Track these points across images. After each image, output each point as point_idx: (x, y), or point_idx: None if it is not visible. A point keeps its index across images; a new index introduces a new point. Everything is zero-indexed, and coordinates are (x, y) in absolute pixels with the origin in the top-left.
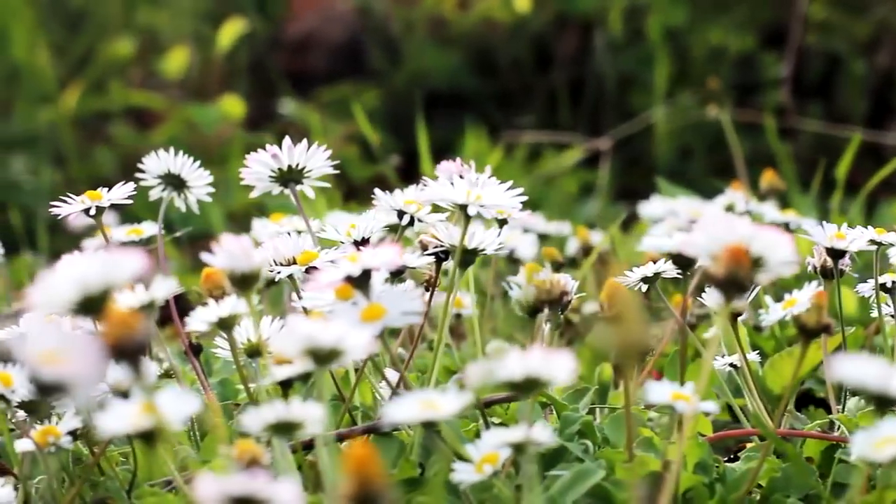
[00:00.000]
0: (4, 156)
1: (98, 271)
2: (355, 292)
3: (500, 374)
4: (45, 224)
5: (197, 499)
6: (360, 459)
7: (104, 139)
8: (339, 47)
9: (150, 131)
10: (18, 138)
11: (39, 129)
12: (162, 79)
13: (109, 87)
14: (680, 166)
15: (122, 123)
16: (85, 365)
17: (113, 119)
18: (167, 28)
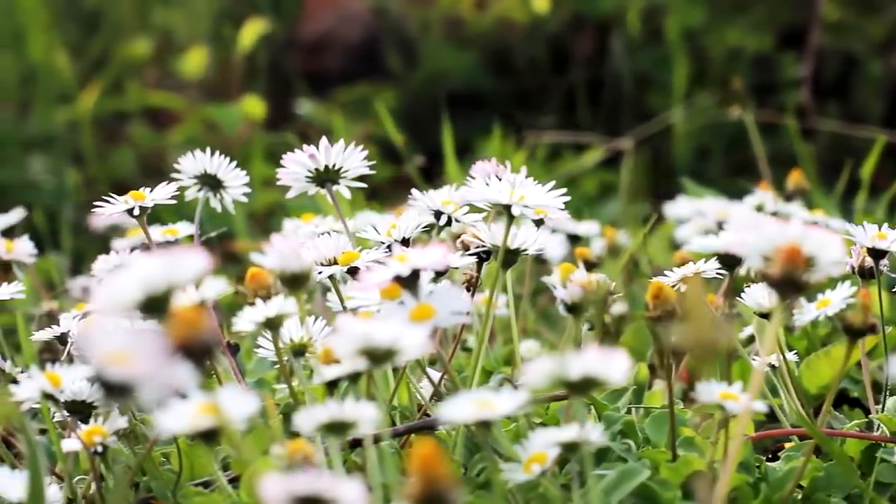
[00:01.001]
0: (23, 156)
1: (162, 271)
2: (403, 292)
3: (557, 373)
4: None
5: (261, 498)
6: (426, 459)
7: (121, 140)
8: (354, 47)
9: (167, 132)
10: (36, 139)
11: (57, 130)
12: (177, 79)
13: (126, 87)
14: (697, 167)
15: (139, 124)
16: (151, 365)
17: (130, 119)
18: (182, 28)
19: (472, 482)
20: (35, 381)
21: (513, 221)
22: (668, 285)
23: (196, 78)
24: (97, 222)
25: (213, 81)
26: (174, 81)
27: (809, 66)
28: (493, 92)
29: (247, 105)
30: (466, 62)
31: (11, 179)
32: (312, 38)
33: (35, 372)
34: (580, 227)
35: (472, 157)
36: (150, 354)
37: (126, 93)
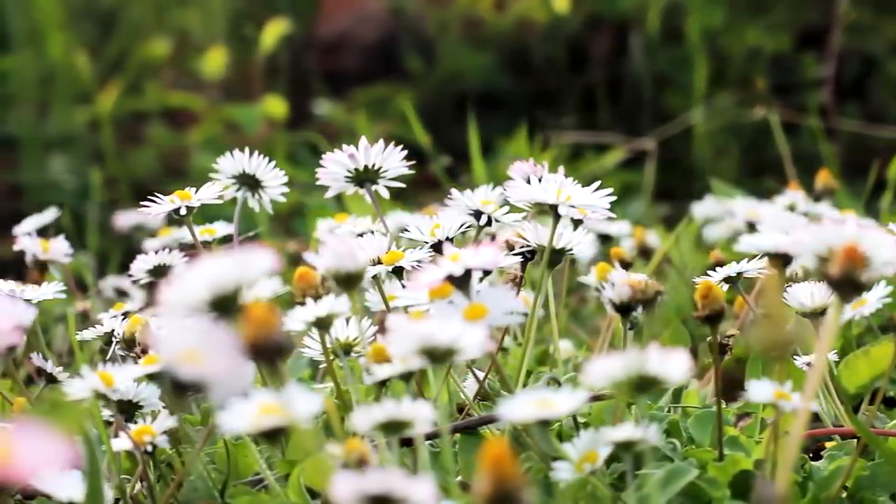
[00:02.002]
0: (44, 156)
1: (230, 270)
2: (453, 292)
3: (617, 372)
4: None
5: (334, 497)
6: (497, 458)
7: (140, 140)
8: (371, 47)
9: (185, 132)
10: (57, 139)
11: (77, 130)
12: (193, 79)
13: (143, 87)
14: (716, 167)
15: (158, 124)
16: (224, 364)
17: (148, 120)
18: (198, 29)
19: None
20: (88, 380)
21: (559, 221)
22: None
23: (214, 78)
24: (121, 222)
25: (231, 81)
26: (190, 81)
27: (831, 67)
28: (510, 92)
29: (268, 105)
30: (484, 62)
31: (33, 179)
32: (329, 38)
33: (87, 371)
34: (611, 227)
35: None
36: (221, 353)
37: (144, 93)
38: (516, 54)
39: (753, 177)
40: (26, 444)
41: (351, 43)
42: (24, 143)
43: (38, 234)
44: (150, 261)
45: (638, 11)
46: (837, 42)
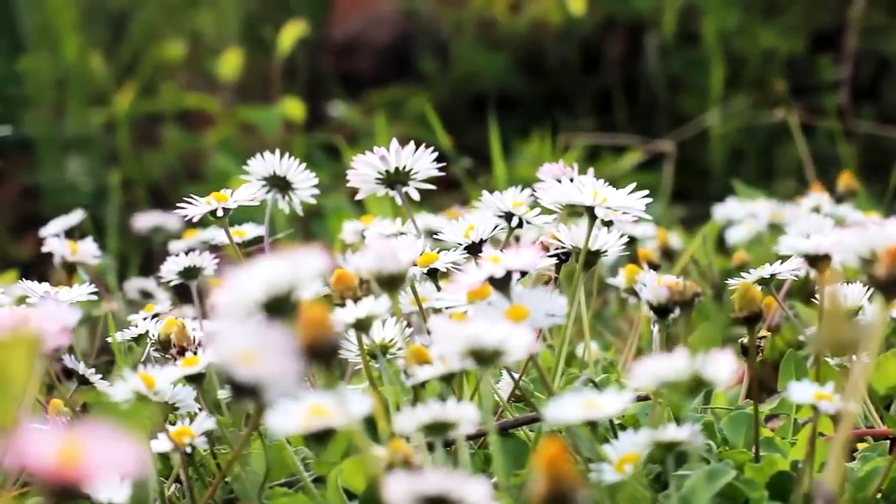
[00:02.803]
0: (60, 157)
1: (284, 271)
2: (493, 293)
3: (666, 374)
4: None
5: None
6: (552, 459)
7: (155, 141)
8: (385, 50)
9: (199, 133)
10: (73, 140)
11: (93, 132)
12: (205, 81)
13: (157, 89)
14: (731, 169)
15: (172, 126)
16: (280, 365)
17: (162, 121)
18: (210, 31)
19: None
20: (130, 382)
21: (595, 223)
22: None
23: (229, 80)
24: (139, 224)
25: (246, 83)
26: (203, 83)
27: (848, 69)
28: (525, 93)
29: (286, 107)
30: (498, 64)
31: (49, 181)
32: (343, 40)
33: (129, 373)
34: (635, 228)
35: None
36: (278, 354)
37: (159, 94)
38: (531, 56)
39: (768, 179)
40: (94, 445)
41: (364, 45)
42: (40, 145)
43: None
44: (180, 262)
45: (653, 13)
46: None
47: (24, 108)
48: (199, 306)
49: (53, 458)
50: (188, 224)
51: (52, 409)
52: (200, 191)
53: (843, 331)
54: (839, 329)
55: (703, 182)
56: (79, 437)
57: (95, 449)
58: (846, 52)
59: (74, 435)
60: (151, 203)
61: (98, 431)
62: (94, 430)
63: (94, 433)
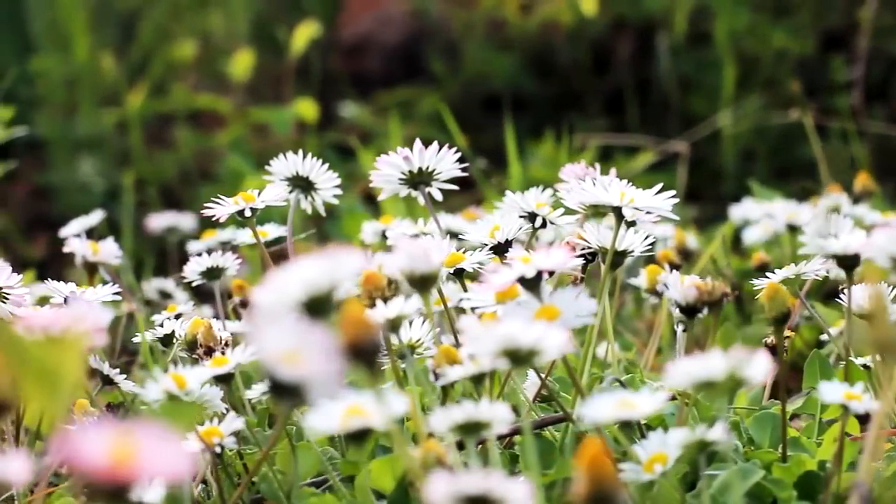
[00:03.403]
0: (72, 158)
1: (323, 271)
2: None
3: (702, 374)
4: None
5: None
6: (594, 459)
7: (165, 142)
8: (394, 50)
9: (210, 134)
10: (85, 140)
11: (104, 132)
12: (214, 81)
13: (167, 90)
14: (742, 169)
15: (183, 126)
16: (323, 365)
17: (173, 122)
18: (221, 31)
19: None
20: (162, 382)
21: (622, 223)
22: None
23: (239, 80)
24: (153, 224)
25: (255, 84)
26: (211, 84)
27: (860, 69)
28: (535, 94)
29: (300, 107)
30: (509, 64)
31: (61, 181)
32: (352, 40)
33: (160, 373)
34: (656, 229)
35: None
36: (321, 354)
37: (170, 95)
38: (541, 56)
39: (779, 179)
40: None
41: (374, 45)
42: (51, 145)
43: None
44: (203, 263)
45: (664, 14)
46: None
47: (35, 109)
48: (222, 306)
49: (105, 458)
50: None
51: (78, 408)
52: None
53: (889, 330)
54: (886, 329)
55: (714, 182)
56: (129, 438)
57: (146, 449)
58: (858, 52)
59: (125, 435)
60: (163, 203)
61: (148, 431)
62: (144, 431)
63: (144, 433)
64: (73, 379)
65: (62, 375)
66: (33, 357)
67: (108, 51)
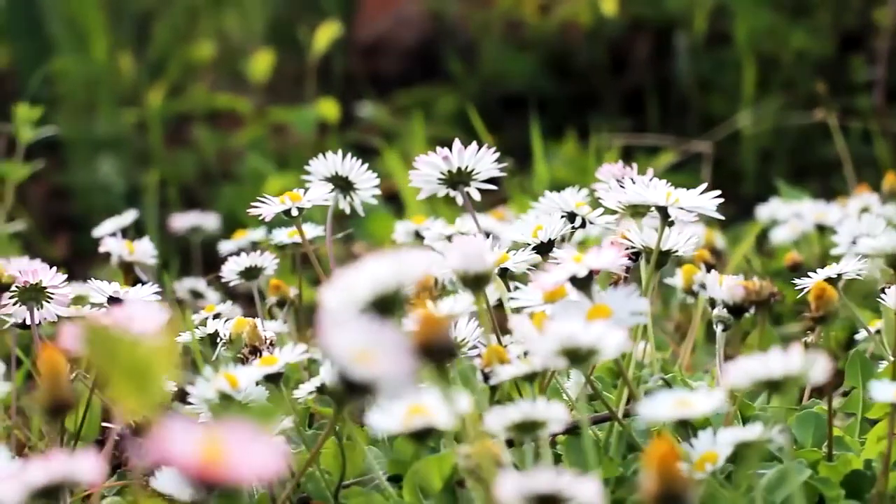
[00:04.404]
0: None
1: (392, 271)
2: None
3: (759, 372)
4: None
5: (499, 497)
6: (663, 457)
7: (184, 142)
8: (411, 50)
9: (228, 134)
10: (104, 140)
11: (124, 132)
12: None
13: (185, 90)
14: (762, 170)
15: (202, 126)
16: (395, 364)
17: (191, 122)
18: (237, 31)
19: (630, 481)
20: (214, 382)
21: (666, 223)
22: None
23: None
24: (176, 224)
25: (272, 84)
26: (227, 84)
27: (882, 69)
28: (553, 94)
29: (322, 107)
30: (526, 65)
31: (81, 181)
32: (368, 40)
33: (212, 373)
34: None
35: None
36: (393, 354)
37: (188, 95)
38: (559, 57)
39: (798, 179)
40: (236, 444)
41: (390, 45)
42: (71, 146)
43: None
44: (241, 262)
45: (683, 14)
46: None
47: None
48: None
49: (197, 456)
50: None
51: None
52: (236, 191)
53: None
54: None
55: (734, 182)
56: (220, 436)
57: (237, 448)
58: (878, 53)
59: (216, 433)
60: (183, 203)
61: (238, 430)
62: (234, 429)
63: (234, 432)
64: (162, 377)
65: (153, 374)
66: (124, 356)
67: (125, 51)
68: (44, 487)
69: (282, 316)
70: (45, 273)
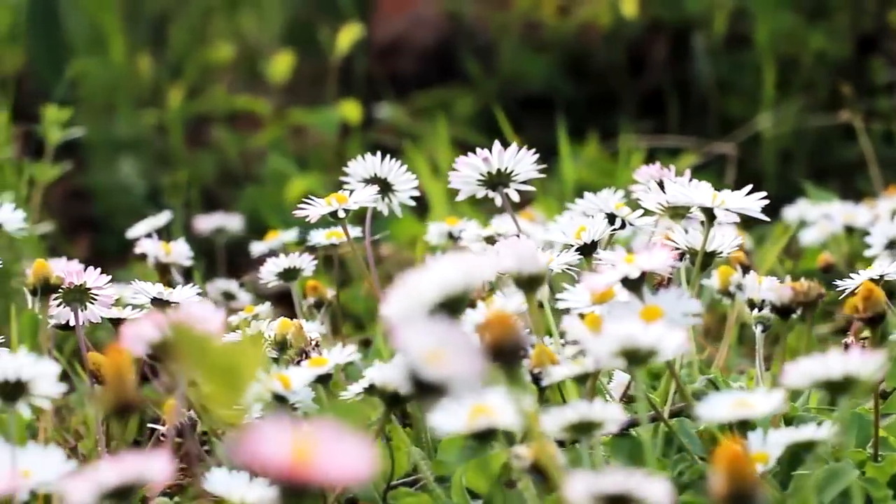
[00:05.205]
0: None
1: (460, 273)
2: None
3: (818, 373)
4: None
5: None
6: (733, 458)
7: (203, 143)
8: (428, 51)
9: (247, 135)
10: (124, 142)
11: (144, 133)
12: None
13: (205, 91)
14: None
15: (221, 128)
16: (466, 365)
17: (210, 124)
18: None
19: (676, 482)
20: (268, 383)
21: (713, 224)
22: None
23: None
24: (200, 225)
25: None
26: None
27: None
28: (571, 96)
29: (344, 108)
30: (544, 66)
31: (103, 183)
32: (385, 42)
33: (264, 374)
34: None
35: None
36: (464, 354)
37: (207, 96)
38: (577, 58)
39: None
40: (326, 444)
41: (407, 47)
42: (91, 147)
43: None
44: (280, 264)
45: (703, 15)
46: None
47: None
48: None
49: (287, 457)
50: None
51: (168, 408)
52: (258, 192)
53: None
54: None
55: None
56: (310, 436)
57: (326, 450)
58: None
59: (305, 434)
60: (203, 205)
61: (328, 431)
62: (324, 430)
63: (324, 432)
64: (251, 378)
65: (243, 375)
66: (216, 357)
67: (142, 53)
68: (116, 488)
69: (319, 317)
70: (90, 274)
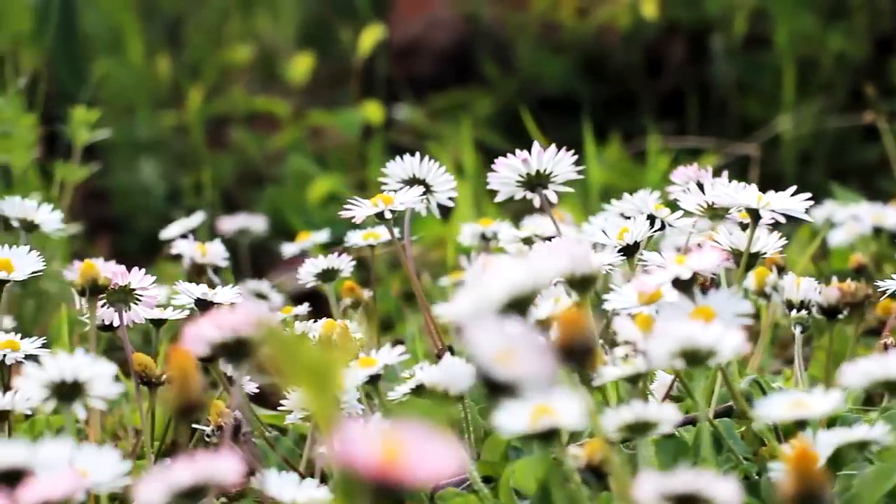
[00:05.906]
0: (133, 160)
1: (528, 273)
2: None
3: (877, 373)
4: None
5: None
6: (801, 457)
7: (222, 144)
8: (445, 53)
9: (265, 137)
10: (143, 143)
11: (163, 134)
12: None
13: (222, 92)
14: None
15: (240, 129)
16: (537, 365)
17: (228, 125)
18: (269, 34)
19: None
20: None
21: (757, 225)
22: None
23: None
24: (225, 226)
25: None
26: (262, 86)
27: None
28: (589, 97)
29: (366, 109)
30: (562, 67)
31: (123, 184)
32: (402, 43)
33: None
34: None
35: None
36: (535, 354)
37: (225, 97)
38: (594, 59)
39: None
40: (415, 445)
41: (424, 48)
42: (111, 149)
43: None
44: (319, 264)
45: (721, 16)
46: None
47: None
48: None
49: (377, 458)
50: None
51: (215, 410)
52: (279, 193)
53: None
54: None
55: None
56: (398, 437)
57: (415, 449)
58: None
59: (393, 435)
60: (223, 205)
61: (415, 431)
62: (412, 430)
63: (412, 433)
64: (339, 381)
65: (330, 378)
66: (307, 359)
67: (160, 54)
68: (189, 488)
69: (357, 318)
70: (135, 275)
